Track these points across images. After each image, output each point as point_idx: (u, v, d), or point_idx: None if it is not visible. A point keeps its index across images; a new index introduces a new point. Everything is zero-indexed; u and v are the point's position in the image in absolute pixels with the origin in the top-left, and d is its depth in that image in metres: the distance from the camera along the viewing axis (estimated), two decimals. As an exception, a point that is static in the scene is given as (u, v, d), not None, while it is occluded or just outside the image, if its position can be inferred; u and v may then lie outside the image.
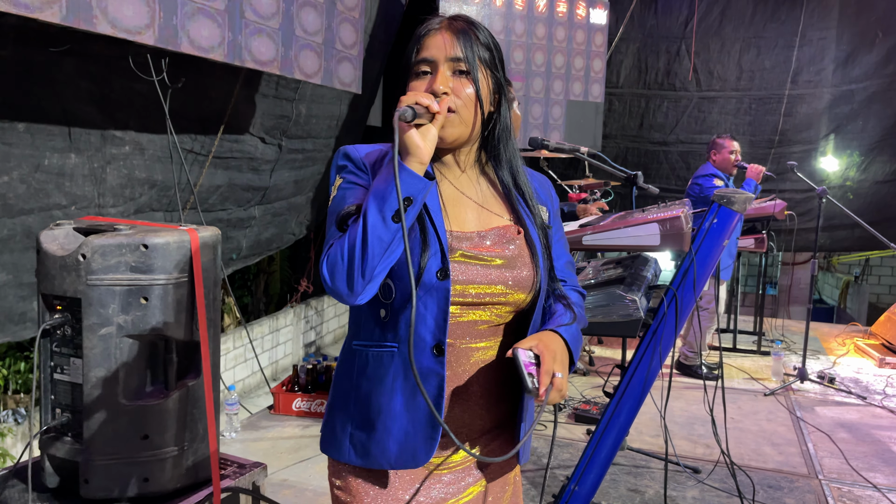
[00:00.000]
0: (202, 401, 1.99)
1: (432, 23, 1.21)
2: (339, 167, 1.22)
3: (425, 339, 1.16)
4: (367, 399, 1.20)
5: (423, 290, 1.14)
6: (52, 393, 1.88)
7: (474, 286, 1.18)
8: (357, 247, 1.05)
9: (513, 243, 1.24)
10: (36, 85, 2.64)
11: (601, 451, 2.49)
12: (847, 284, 9.72)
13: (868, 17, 6.28)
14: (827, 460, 3.41)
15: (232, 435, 3.57)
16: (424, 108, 1.07)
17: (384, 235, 1.05)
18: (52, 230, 1.90)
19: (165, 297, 1.87)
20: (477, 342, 1.22)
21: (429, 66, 1.17)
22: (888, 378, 4.81)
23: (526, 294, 1.23)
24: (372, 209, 1.06)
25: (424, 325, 1.16)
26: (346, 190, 1.18)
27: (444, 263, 1.15)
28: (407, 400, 1.17)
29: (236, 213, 3.96)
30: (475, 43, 1.19)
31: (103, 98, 2.92)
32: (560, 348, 1.17)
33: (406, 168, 1.06)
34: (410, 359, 1.05)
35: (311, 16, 3.52)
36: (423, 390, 1.06)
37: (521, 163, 1.32)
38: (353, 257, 1.06)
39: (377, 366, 1.19)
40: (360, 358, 1.22)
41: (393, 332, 1.18)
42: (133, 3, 2.52)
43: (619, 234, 2.22)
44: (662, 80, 6.93)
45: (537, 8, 5.88)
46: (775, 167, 6.67)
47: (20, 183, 2.65)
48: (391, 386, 1.18)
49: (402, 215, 1.02)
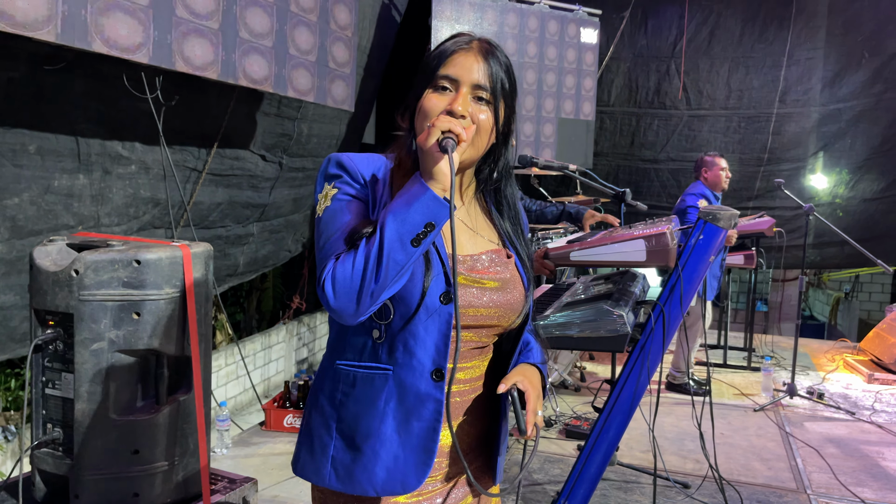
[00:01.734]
0: (193, 416, 2.00)
1: (462, 40, 1.19)
2: (330, 175, 1.18)
3: (424, 363, 1.14)
4: (354, 421, 1.16)
5: (424, 313, 1.13)
6: (44, 408, 1.89)
7: (473, 309, 1.18)
8: (370, 267, 1.03)
9: (505, 267, 1.25)
10: (47, 107, 2.67)
11: (591, 467, 2.50)
12: (838, 301, 9.78)
13: (854, 37, 6.39)
14: (816, 475, 3.43)
15: (223, 451, 3.57)
16: (456, 135, 1.06)
17: (400, 259, 1.04)
18: (46, 246, 1.92)
19: (157, 312, 1.88)
20: (464, 364, 1.22)
21: (451, 84, 1.16)
22: (877, 394, 4.84)
23: (516, 317, 1.24)
24: (391, 231, 1.04)
25: (424, 348, 1.14)
26: (343, 202, 1.14)
27: (448, 287, 1.14)
28: (399, 424, 1.15)
29: (235, 230, 3.99)
30: (501, 71, 1.18)
31: (111, 118, 2.96)
32: (539, 386, 1.21)
33: (431, 192, 1.05)
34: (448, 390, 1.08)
35: (304, 34, 3.57)
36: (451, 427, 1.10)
37: (518, 200, 1.34)
38: (365, 278, 1.03)
39: (367, 388, 1.16)
40: (346, 379, 1.18)
41: (388, 353, 1.15)
42: (128, 22, 2.56)
43: (606, 250, 2.25)
44: (653, 98, 7.02)
45: (529, 27, 5.96)
46: (765, 185, 6.75)
47: (30, 205, 2.68)
48: (382, 409, 1.15)
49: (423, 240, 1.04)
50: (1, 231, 2.61)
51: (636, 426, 3.49)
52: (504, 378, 1.17)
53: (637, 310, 2.52)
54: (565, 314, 2.30)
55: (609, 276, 2.82)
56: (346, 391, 1.18)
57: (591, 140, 6.52)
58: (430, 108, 1.15)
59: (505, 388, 1.14)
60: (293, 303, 5.36)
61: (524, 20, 5.93)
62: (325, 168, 1.19)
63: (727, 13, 6.73)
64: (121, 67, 2.81)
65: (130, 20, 2.57)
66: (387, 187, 1.18)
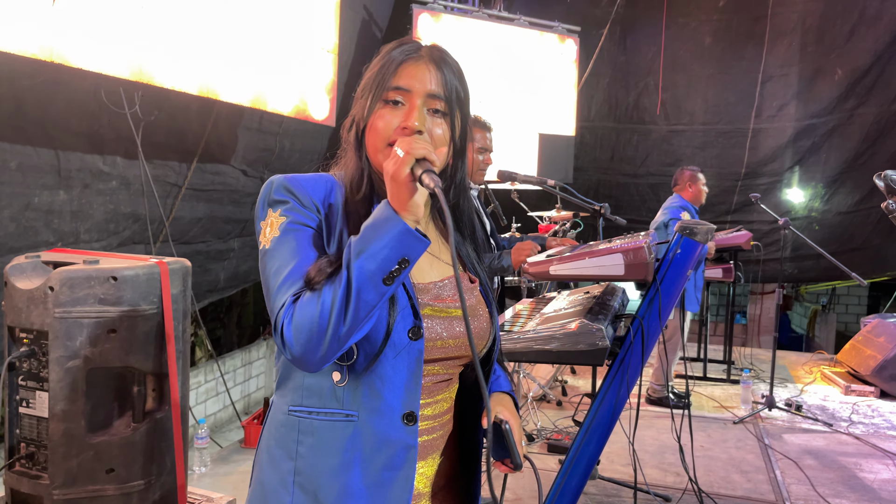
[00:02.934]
0: (170, 434, 1.98)
1: (409, 48, 1.09)
2: (275, 201, 1.05)
3: (394, 406, 1.03)
4: (315, 475, 1.03)
5: (392, 352, 1.02)
6: (17, 427, 1.87)
7: (441, 341, 1.08)
8: (337, 310, 0.92)
9: (470, 293, 1.16)
10: (28, 122, 2.66)
11: (572, 480, 2.51)
12: (815, 313, 9.90)
13: (828, 55, 6.52)
14: (794, 487, 3.46)
15: (202, 469, 3.52)
16: (431, 164, 0.95)
17: (371, 298, 0.93)
18: (20, 263, 1.90)
19: (134, 329, 1.87)
20: (434, 398, 1.12)
21: (403, 97, 1.06)
22: (854, 405, 4.90)
23: (483, 345, 1.16)
24: (360, 268, 0.92)
25: (393, 390, 1.03)
26: (295, 232, 1.02)
27: (416, 322, 1.04)
28: (368, 476, 1.02)
29: (216, 245, 3.97)
30: (454, 79, 1.09)
31: (93, 134, 2.94)
32: (517, 414, 1.18)
33: (406, 226, 0.94)
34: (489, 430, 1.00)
35: (284, 50, 3.58)
36: (492, 485, 1.03)
37: (475, 216, 1.24)
38: (332, 322, 0.92)
39: (328, 436, 1.03)
40: (303, 427, 1.05)
41: (351, 397, 1.03)
42: (107, 36, 2.56)
43: (585, 263, 2.27)
44: (632, 113, 7.10)
45: (509, 43, 6.02)
46: (742, 199, 6.84)
47: (10, 221, 2.65)
48: (348, 461, 1.02)
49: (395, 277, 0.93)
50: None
51: (617, 440, 3.50)
52: (493, 412, 1.11)
53: (616, 323, 2.54)
54: (545, 328, 2.31)
55: (588, 289, 2.84)
56: (303, 441, 1.05)
57: (571, 155, 6.58)
58: (384, 126, 1.05)
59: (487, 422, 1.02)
60: (274, 318, 5.32)
61: (505, 36, 5.99)
62: (269, 193, 1.05)
63: (704, 30, 6.85)
64: (100, 83, 2.80)
65: (109, 35, 2.57)
66: (342, 214, 1.07)
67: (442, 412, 1.14)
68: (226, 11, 3.14)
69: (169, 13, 2.83)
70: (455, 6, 5.77)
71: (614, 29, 6.97)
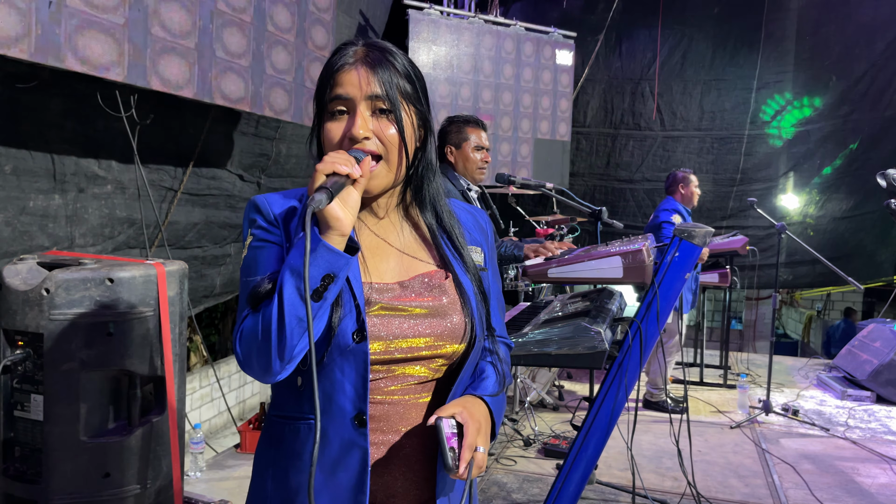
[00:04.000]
0: (166, 437, 1.96)
1: (346, 54, 1.07)
2: (249, 221, 1.09)
3: (345, 408, 1.04)
4: (285, 476, 1.09)
5: (338, 354, 1.03)
6: (12, 430, 1.85)
7: (401, 340, 1.07)
8: (273, 327, 0.95)
9: (440, 290, 1.13)
10: (23, 126, 2.64)
11: (570, 485, 2.50)
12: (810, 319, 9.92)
13: (822, 62, 6.56)
14: (792, 491, 3.45)
15: (197, 475, 3.50)
16: (345, 176, 0.96)
17: (303, 314, 0.95)
18: (16, 265, 1.88)
19: (130, 331, 1.86)
20: (411, 400, 1.10)
21: (345, 105, 1.05)
22: (850, 410, 4.90)
23: (458, 344, 1.11)
24: (288, 287, 0.95)
25: (343, 393, 1.04)
26: (258, 249, 1.06)
27: (360, 324, 1.03)
28: (326, 476, 1.05)
29: (212, 251, 3.95)
30: (395, 75, 1.07)
31: (87, 138, 2.93)
32: (484, 418, 1.09)
33: (324, 244, 0.95)
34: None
35: (281, 54, 3.57)
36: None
37: (444, 200, 1.20)
38: (268, 338, 0.95)
39: (293, 440, 1.08)
40: (277, 431, 1.11)
41: (310, 402, 1.05)
42: (102, 39, 2.55)
43: (583, 266, 2.27)
44: (628, 119, 7.13)
45: (505, 49, 6.03)
46: (738, 204, 6.86)
47: (5, 226, 2.63)
48: (307, 462, 1.06)
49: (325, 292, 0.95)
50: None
51: (614, 444, 3.49)
52: (438, 409, 1.06)
53: (615, 327, 2.54)
54: (543, 331, 2.30)
55: (587, 293, 2.84)
56: (276, 445, 1.11)
57: (566, 160, 6.60)
58: (331, 140, 1.06)
59: (431, 421, 1.03)
60: (269, 323, 5.30)
61: (500, 42, 6.01)
62: (246, 213, 1.10)
63: (699, 37, 6.88)
64: (95, 86, 2.79)
65: (105, 38, 2.56)
66: None
67: (414, 419, 1.11)
68: (221, 14, 3.14)
69: (164, 16, 2.82)
70: (451, 11, 5.78)
71: (610, 35, 7.00)
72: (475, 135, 2.95)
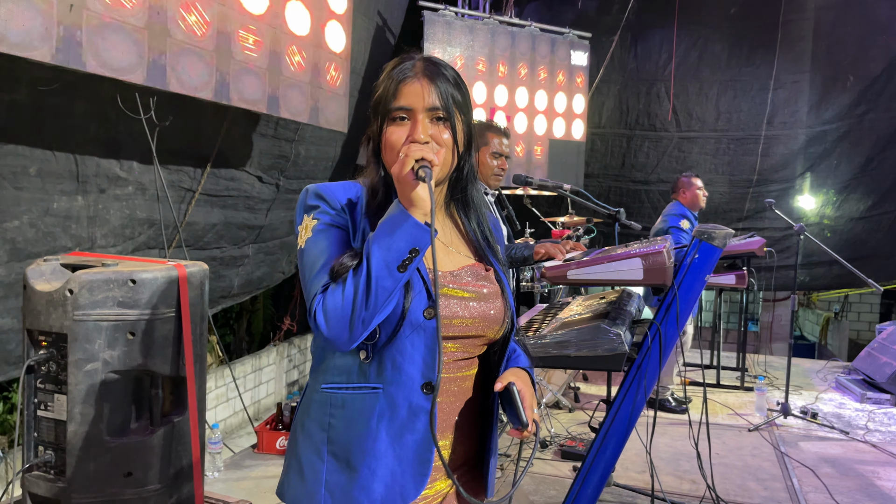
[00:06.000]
0: (187, 437, 1.97)
1: (406, 67, 1.21)
2: (309, 206, 1.20)
3: (414, 377, 1.17)
4: (347, 443, 1.18)
5: (409, 329, 1.16)
6: (36, 430, 1.87)
7: (457, 319, 1.21)
8: (360, 296, 1.07)
9: (485, 279, 1.29)
10: (48, 129, 2.67)
11: (588, 488, 2.48)
12: (827, 321, 9.82)
13: (840, 61, 6.50)
14: (812, 495, 3.42)
15: (215, 474, 3.51)
16: (429, 162, 1.10)
17: (388, 285, 1.08)
18: (39, 266, 1.90)
19: (152, 332, 1.87)
20: (454, 374, 1.25)
21: (406, 114, 1.19)
22: (870, 413, 4.85)
23: (499, 327, 1.27)
24: (377, 259, 1.08)
25: (413, 363, 1.17)
26: (324, 232, 1.17)
27: (430, 302, 1.17)
28: (393, 439, 1.17)
29: (230, 252, 3.97)
30: (449, 87, 1.21)
31: (110, 140, 2.95)
32: (531, 386, 1.26)
33: (413, 219, 1.08)
34: (433, 408, 1.08)
35: (297, 56, 3.58)
36: (436, 440, 1.10)
37: (483, 200, 1.36)
38: (356, 306, 1.07)
39: (358, 408, 1.18)
40: (335, 401, 1.20)
41: (377, 372, 1.17)
42: (122, 42, 2.56)
43: (603, 268, 2.25)
44: (643, 120, 7.09)
45: (520, 49, 6.02)
46: (754, 206, 6.81)
47: (30, 227, 2.66)
48: (375, 427, 1.16)
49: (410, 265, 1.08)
50: (0, 254, 2.59)
51: (631, 447, 3.47)
52: (498, 378, 1.21)
53: (633, 329, 2.52)
54: (562, 333, 2.30)
55: (604, 295, 2.82)
56: (334, 413, 1.20)
57: (581, 161, 6.57)
58: (395, 141, 1.18)
59: (501, 386, 1.17)
60: (284, 324, 5.32)
61: (515, 42, 6.00)
62: (304, 200, 1.21)
63: (715, 37, 6.83)
64: (116, 88, 2.81)
65: (125, 41, 2.57)
66: (364, 214, 1.21)
67: (462, 390, 1.26)
68: (239, 18, 3.16)
69: (183, 18, 2.84)
70: (466, 12, 5.78)
71: (625, 36, 6.97)
72: (496, 140, 2.94)
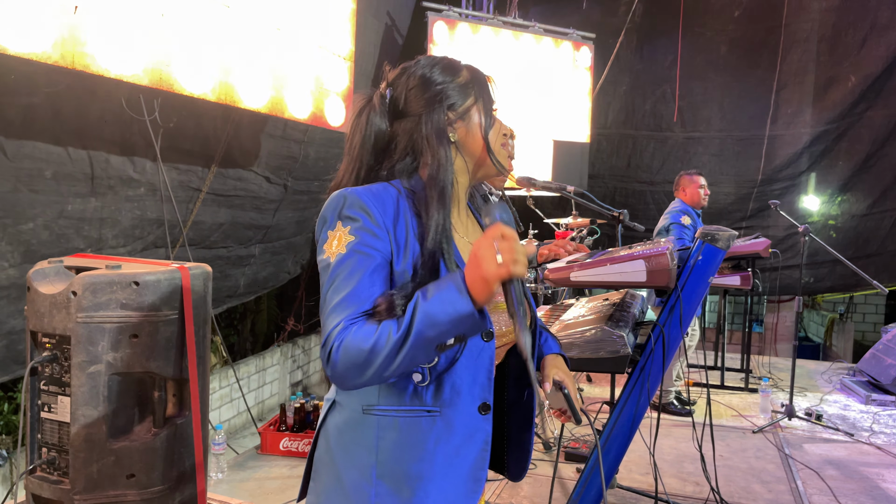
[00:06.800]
0: (190, 439, 1.98)
1: (481, 68, 1.32)
2: (347, 217, 1.09)
3: (471, 399, 1.16)
4: (399, 465, 1.13)
5: (469, 353, 1.15)
6: (39, 432, 1.87)
7: (503, 335, 1.24)
8: (389, 353, 0.98)
9: None
10: (64, 132, 2.67)
11: (591, 490, 2.48)
12: (832, 322, 9.78)
13: (843, 62, 6.49)
14: (816, 497, 3.41)
15: (218, 475, 3.52)
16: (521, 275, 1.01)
17: (421, 358, 1.02)
18: (43, 268, 1.90)
19: (155, 334, 1.87)
20: None
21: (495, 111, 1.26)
22: (875, 415, 4.83)
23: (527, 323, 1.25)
24: (420, 330, 0.98)
25: (471, 385, 1.16)
26: (361, 255, 1.06)
27: (490, 327, 1.16)
28: (448, 461, 1.14)
29: (237, 251, 3.97)
30: None
31: (124, 142, 2.96)
32: (570, 373, 1.32)
33: (477, 315, 0.99)
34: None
35: (302, 58, 3.59)
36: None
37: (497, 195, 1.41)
38: (378, 360, 0.99)
39: (413, 432, 1.13)
40: (384, 423, 1.14)
41: (434, 395, 1.13)
42: (126, 44, 2.57)
43: (606, 270, 2.25)
44: (649, 121, 7.08)
45: (524, 50, 6.02)
46: (758, 206, 6.79)
47: (44, 229, 2.67)
48: (432, 450, 1.13)
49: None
50: (14, 256, 2.60)
51: (634, 448, 3.46)
52: (542, 375, 1.26)
53: (636, 331, 2.52)
54: (566, 335, 2.29)
55: (607, 296, 2.82)
56: (384, 436, 1.14)
57: (585, 162, 6.56)
58: (499, 128, 1.30)
59: (550, 386, 1.22)
60: (288, 325, 5.32)
61: (520, 43, 5.99)
62: (341, 206, 1.10)
63: (719, 38, 6.82)
64: (124, 90, 2.82)
65: (129, 42, 2.58)
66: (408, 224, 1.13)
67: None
68: (243, 18, 3.16)
69: (187, 20, 2.84)
70: (470, 13, 5.77)
71: (630, 37, 6.96)
72: None
